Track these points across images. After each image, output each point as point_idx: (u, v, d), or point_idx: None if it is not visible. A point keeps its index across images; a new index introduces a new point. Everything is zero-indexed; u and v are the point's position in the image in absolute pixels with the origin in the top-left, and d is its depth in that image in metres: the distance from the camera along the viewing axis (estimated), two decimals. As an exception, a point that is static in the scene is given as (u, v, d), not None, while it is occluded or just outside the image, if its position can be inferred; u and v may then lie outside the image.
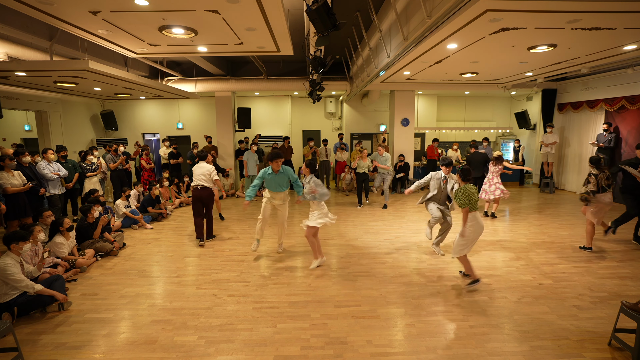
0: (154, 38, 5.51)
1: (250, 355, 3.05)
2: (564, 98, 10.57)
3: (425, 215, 7.65)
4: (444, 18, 4.02)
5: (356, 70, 9.68)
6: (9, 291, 3.60)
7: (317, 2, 3.71)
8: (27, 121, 11.98)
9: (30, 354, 3.11)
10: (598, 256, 5.25)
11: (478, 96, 13.01)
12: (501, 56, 6.23)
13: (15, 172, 5.56)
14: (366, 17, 6.56)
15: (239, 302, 3.96)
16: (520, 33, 4.72)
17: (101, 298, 4.13)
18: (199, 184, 5.94)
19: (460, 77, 8.56)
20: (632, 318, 2.92)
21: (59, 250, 4.80)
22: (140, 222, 7.09)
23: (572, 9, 3.85)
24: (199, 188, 5.95)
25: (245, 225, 7.19)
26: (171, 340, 3.28)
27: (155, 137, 13.59)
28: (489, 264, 4.96)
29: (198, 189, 5.96)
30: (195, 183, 5.98)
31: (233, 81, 10.97)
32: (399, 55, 5.79)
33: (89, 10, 4.29)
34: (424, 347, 3.14)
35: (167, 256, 5.50)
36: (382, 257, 5.33)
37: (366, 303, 3.92)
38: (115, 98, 11.31)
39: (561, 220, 7.28)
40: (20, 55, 6.58)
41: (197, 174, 5.99)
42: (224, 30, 5.10)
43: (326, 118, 13.78)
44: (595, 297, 4.02)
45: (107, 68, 6.54)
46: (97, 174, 7.86)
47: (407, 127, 11.07)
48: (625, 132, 8.60)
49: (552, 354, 3.03)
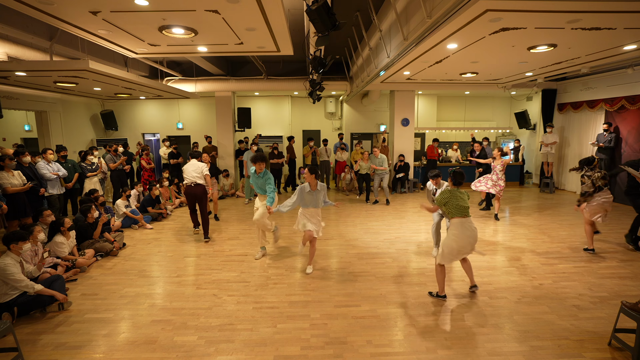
0: (154, 38, 5.51)
1: (250, 355, 3.05)
2: (564, 98, 10.57)
3: (425, 215, 7.65)
4: (444, 18, 4.02)
5: (356, 70, 9.68)
6: (9, 291, 3.60)
7: (317, 2, 3.71)
8: (27, 121, 11.98)
9: (30, 354, 3.11)
10: (598, 256, 5.25)
11: (478, 96, 13.01)
12: (501, 56, 6.23)
13: (15, 172, 5.56)
14: (366, 17, 6.56)
15: (239, 302, 3.96)
16: (520, 33, 4.72)
17: (101, 298, 4.13)
18: (192, 181, 6.03)
19: (460, 77, 8.56)
20: (632, 318, 2.92)
21: (59, 250, 4.80)
22: (140, 222, 7.09)
23: (572, 9, 3.85)
24: (192, 185, 6.05)
25: (245, 225, 7.19)
26: (171, 340, 3.28)
27: (155, 137, 13.59)
28: (489, 264, 4.96)
29: (192, 186, 6.07)
30: (187, 181, 6.06)
31: (233, 81, 10.97)
32: (399, 55, 5.79)
33: (89, 10, 4.29)
34: (424, 347, 3.14)
35: (167, 256, 5.50)
36: (382, 257, 5.33)
37: (366, 303, 3.92)
38: (115, 98, 11.31)
39: (561, 220, 7.28)
40: (20, 55, 6.58)
41: (189, 170, 6.07)
42: (224, 30, 5.10)
43: (326, 118, 13.78)
44: (595, 297, 4.01)
45: (107, 68, 6.53)
46: (97, 174, 7.86)
47: (407, 127, 11.07)
48: (625, 132, 8.60)
49: (552, 354, 3.03)
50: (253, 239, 6.26)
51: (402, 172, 10.56)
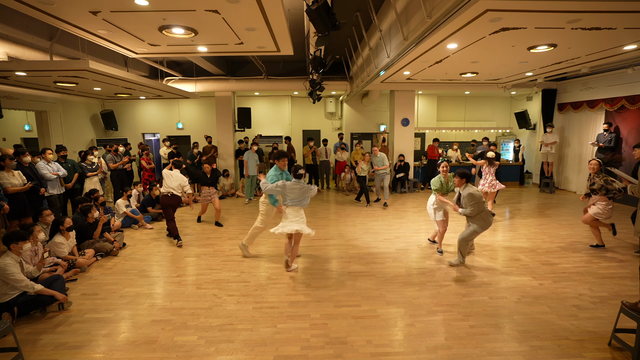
0: (154, 38, 5.51)
1: (250, 355, 3.05)
2: (564, 98, 10.56)
3: (425, 215, 7.64)
4: (444, 18, 4.02)
5: (356, 70, 9.68)
6: (9, 291, 3.60)
7: (317, 2, 3.71)
8: (27, 121, 11.97)
9: (30, 353, 3.11)
10: (598, 256, 5.25)
11: (478, 96, 13.01)
12: (501, 56, 6.23)
13: (15, 172, 5.57)
14: (366, 17, 6.56)
15: (239, 302, 3.96)
16: (520, 33, 4.72)
17: (101, 298, 4.14)
18: (170, 191, 5.93)
19: (460, 77, 8.56)
20: (632, 318, 2.92)
21: (59, 250, 4.80)
22: (140, 222, 7.10)
23: (572, 9, 3.85)
24: (169, 195, 5.94)
25: (245, 225, 7.18)
26: (171, 340, 3.28)
27: (155, 137, 13.59)
28: (489, 264, 4.96)
29: (168, 196, 5.94)
30: (165, 190, 5.94)
31: (233, 81, 10.97)
32: (399, 55, 5.79)
33: (89, 10, 4.29)
34: (424, 347, 3.14)
35: (167, 256, 5.50)
36: (382, 257, 5.33)
37: (366, 303, 3.92)
38: (115, 98, 11.31)
39: (561, 220, 7.28)
40: (20, 55, 6.58)
41: (169, 183, 5.93)
42: (224, 30, 5.10)
43: (326, 118, 13.78)
44: (595, 297, 4.02)
45: (107, 68, 6.53)
46: (97, 174, 7.86)
47: (407, 127, 11.07)
48: (625, 132, 8.59)
49: (552, 354, 3.03)
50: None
51: (402, 172, 10.57)
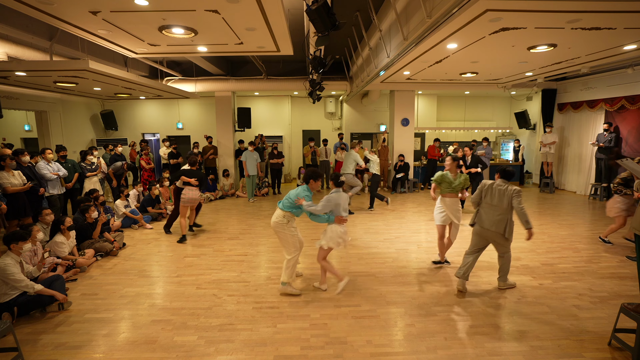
0: (154, 38, 5.51)
1: (250, 355, 3.05)
2: (564, 98, 10.56)
3: (425, 215, 7.65)
4: (444, 18, 4.02)
5: (356, 70, 9.68)
6: (8, 291, 3.60)
7: (317, 2, 3.71)
8: (27, 121, 11.98)
9: (30, 353, 3.11)
10: (598, 256, 5.25)
11: (478, 96, 13.01)
12: (501, 56, 6.23)
13: (15, 172, 5.56)
14: (366, 17, 6.56)
15: (239, 302, 3.96)
16: (520, 33, 4.72)
17: (101, 298, 4.13)
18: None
19: (460, 77, 8.56)
20: (632, 318, 2.92)
21: (59, 250, 4.80)
22: (140, 222, 7.09)
23: (572, 9, 3.85)
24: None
25: (245, 225, 7.19)
26: (171, 340, 3.28)
27: (155, 137, 13.59)
28: (489, 264, 4.95)
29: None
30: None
31: (233, 81, 10.97)
32: (399, 55, 5.79)
33: (89, 10, 4.29)
34: (424, 347, 3.14)
35: (167, 256, 5.50)
36: (382, 257, 5.33)
37: (366, 303, 3.92)
38: (115, 98, 11.30)
39: (561, 220, 7.28)
40: (20, 55, 6.58)
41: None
42: (224, 30, 5.10)
43: (326, 118, 13.78)
44: (595, 297, 4.01)
45: (107, 68, 6.54)
46: (97, 173, 7.86)
47: (407, 127, 11.07)
48: (625, 132, 8.60)
49: (552, 354, 3.03)
50: (253, 239, 6.26)
51: (402, 172, 10.57)
